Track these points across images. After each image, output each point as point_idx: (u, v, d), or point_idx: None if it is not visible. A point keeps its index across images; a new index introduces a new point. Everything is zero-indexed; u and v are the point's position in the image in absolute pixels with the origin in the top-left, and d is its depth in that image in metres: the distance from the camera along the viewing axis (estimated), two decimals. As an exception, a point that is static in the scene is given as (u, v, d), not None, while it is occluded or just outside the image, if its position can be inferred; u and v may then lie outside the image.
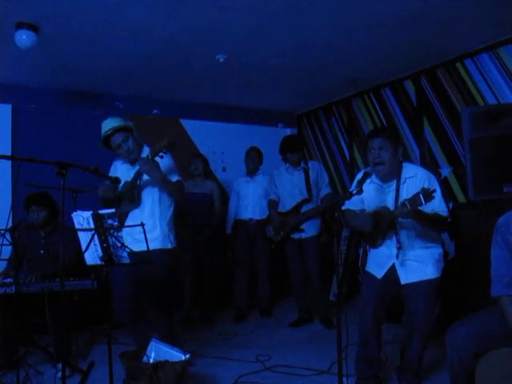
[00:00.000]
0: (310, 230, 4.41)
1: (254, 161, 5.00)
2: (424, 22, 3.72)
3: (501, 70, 4.19)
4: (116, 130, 3.10)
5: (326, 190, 4.53)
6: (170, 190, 3.15)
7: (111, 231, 2.46)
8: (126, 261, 2.53)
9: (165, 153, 2.99)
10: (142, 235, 2.62)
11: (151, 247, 3.04)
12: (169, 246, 3.20)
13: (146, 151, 3.17)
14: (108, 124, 3.13)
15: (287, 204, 4.52)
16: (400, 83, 5.15)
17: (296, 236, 4.46)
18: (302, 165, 4.55)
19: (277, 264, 5.06)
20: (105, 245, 2.48)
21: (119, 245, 2.48)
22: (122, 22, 3.54)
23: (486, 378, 2.12)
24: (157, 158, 3.00)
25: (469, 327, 2.19)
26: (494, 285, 2.23)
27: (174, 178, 3.18)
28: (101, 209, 2.53)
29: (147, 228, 3.05)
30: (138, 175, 3.10)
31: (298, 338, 4.15)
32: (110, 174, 3.32)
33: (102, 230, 2.46)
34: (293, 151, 4.49)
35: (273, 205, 4.63)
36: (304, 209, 4.42)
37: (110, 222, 2.47)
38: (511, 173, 3.30)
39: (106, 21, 3.49)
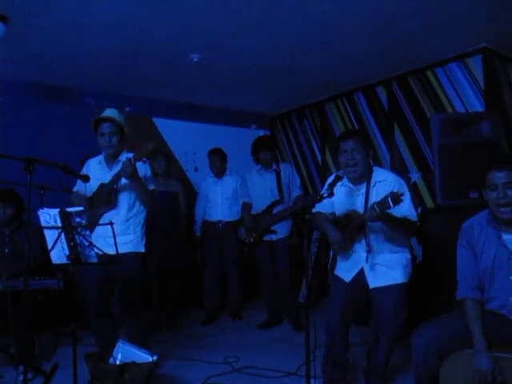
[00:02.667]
0: (280, 231, 4.42)
1: (216, 164, 4.92)
2: (397, 30, 3.80)
3: (469, 79, 4.31)
4: (110, 120, 3.05)
5: (297, 192, 4.55)
6: (144, 198, 3.10)
7: (79, 229, 2.41)
8: (94, 260, 2.48)
9: (148, 158, 2.96)
10: (119, 238, 2.58)
11: (125, 250, 3.05)
12: (142, 249, 3.19)
13: (123, 157, 3.09)
14: (108, 111, 3.11)
15: (259, 206, 4.51)
16: (372, 88, 5.23)
17: (267, 238, 4.47)
18: (274, 167, 4.55)
19: (248, 266, 5.05)
20: (72, 243, 2.43)
21: (87, 243, 2.42)
22: (95, 17, 3.47)
23: (450, 379, 2.17)
24: (138, 163, 2.97)
25: (434, 329, 2.24)
26: (459, 287, 2.29)
27: (150, 187, 3.15)
28: (69, 206, 2.47)
29: (121, 231, 3.05)
30: (118, 178, 3.04)
31: (267, 340, 4.15)
32: (83, 173, 3.27)
33: (69, 228, 2.40)
34: (265, 150, 4.48)
35: (246, 207, 4.61)
36: (276, 210, 4.43)
37: (77, 220, 2.42)
38: (477, 179, 3.40)
39: (78, 14, 3.42)
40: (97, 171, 3.18)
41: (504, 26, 3.79)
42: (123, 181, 3.04)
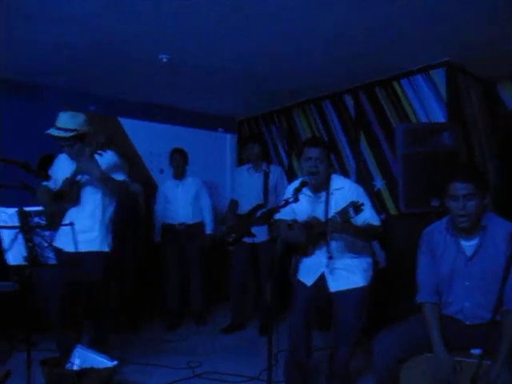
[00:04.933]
0: (262, 234, 4.35)
1: (178, 162, 4.87)
2: (364, 40, 3.87)
3: (432, 90, 4.43)
4: (60, 137, 2.96)
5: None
6: (110, 188, 3.03)
7: (37, 230, 2.33)
8: (52, 262, 2.41)
9: (104, 151, 2.89)
10: (83, 236, 2.55)
11: (88, 249, 2.99)
12: (106, 248, 3.12)
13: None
14: (61, 119, 2.97)
15: (244, 207, 4.50)
16: (340, 97, 5.30)
17: (249, 240, 4.43)
18: (264, 167, 4.55)
19: (212, 269, 5.02)
20: (30, 244, 2.35)
21: (46, 244, 2.35)
22: (60, 12, 3.37)
23: (410, 383, 2.22)
24: (96, 156, 2.90)
25: (394, 335, 2.28)
26: (419, 291, 2.35)
27: (120, 178, 3.09)
28: (27, 206, 2.39)
29: (86, 228, 2.99)
30: (76, 173, 2.98)
31: (231, 345, 4.13)
32: (53, 167, 3.20)
33: (27, 228, 2.32)
34: (253, 143, 4.52)
35: (231, 205, 4.64)
36: (260, 213, 4.41)
37: (36, 220, 2.34)
38: (438, 187, 3.50)
39: (43, 8, 3.32)
40: (66, 166, 3.10)
41: (465, 42, 3.91)
42: (86, 176, 2.98)
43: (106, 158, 3.02)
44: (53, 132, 2.95)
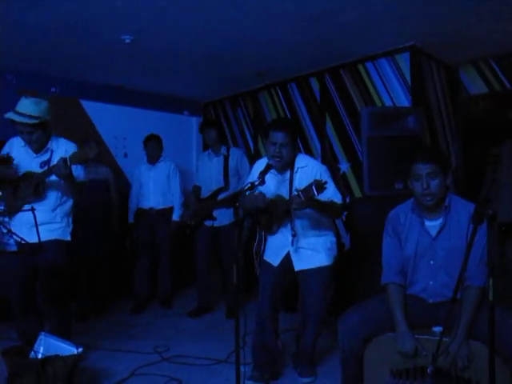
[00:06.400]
0: (223, 218, 4.34)
1: (153, 149, 4.83)
2: (330, 23, 3.86)
3: (397, 74, 4.49)
4: (21, 123, 2.80)
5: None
6: (73, 193, 2.99)
7: (-4, 216, 2.25)
8: (13, 248, 2.34)
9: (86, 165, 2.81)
10: (44, 226, 2.45)
11: (50, 237, 2.92)
12: (67, 238, 3.06)
13: (56, 143, 2.96)
14: (22, 104, 2.81)
15: (205, 191, 4.52)
16: (306, 79, 5.30)
17: (208, 223, 4.44)
18: (223, 151, 4.53)
19: (181, 253, 4.99)
20: (-12, 231, 2.27)
21: (5, 231, 2.27)
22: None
23: (373, 361, 2.28)
24: (77, 166, 2.82)
25: (359, 315, 2.33)
26: (384, 273, 2.40)
27: (78, 173, 2.96)
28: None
29: (48, 220, 2.91)
30: (49, 173, 2.82)
31: (198, 328, 4.14)
32: (3, 151, 3.05)
33: (-16, 214, 2.24)
34: (209, 127, 4.50)
35: (194, 190, 4.63)
36: (221, 197, 4.40)
37: (-6, 206, 2.26)
38: (402, 171, 3.56)
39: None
40: (21, 154, 2.96)
41: (430, 27, 3.97)
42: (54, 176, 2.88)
43: (79, 171, 2.93)
44: (15, 117, 2.78)
